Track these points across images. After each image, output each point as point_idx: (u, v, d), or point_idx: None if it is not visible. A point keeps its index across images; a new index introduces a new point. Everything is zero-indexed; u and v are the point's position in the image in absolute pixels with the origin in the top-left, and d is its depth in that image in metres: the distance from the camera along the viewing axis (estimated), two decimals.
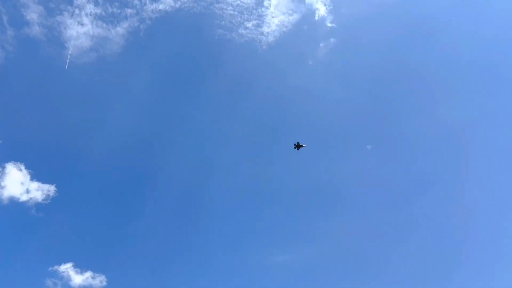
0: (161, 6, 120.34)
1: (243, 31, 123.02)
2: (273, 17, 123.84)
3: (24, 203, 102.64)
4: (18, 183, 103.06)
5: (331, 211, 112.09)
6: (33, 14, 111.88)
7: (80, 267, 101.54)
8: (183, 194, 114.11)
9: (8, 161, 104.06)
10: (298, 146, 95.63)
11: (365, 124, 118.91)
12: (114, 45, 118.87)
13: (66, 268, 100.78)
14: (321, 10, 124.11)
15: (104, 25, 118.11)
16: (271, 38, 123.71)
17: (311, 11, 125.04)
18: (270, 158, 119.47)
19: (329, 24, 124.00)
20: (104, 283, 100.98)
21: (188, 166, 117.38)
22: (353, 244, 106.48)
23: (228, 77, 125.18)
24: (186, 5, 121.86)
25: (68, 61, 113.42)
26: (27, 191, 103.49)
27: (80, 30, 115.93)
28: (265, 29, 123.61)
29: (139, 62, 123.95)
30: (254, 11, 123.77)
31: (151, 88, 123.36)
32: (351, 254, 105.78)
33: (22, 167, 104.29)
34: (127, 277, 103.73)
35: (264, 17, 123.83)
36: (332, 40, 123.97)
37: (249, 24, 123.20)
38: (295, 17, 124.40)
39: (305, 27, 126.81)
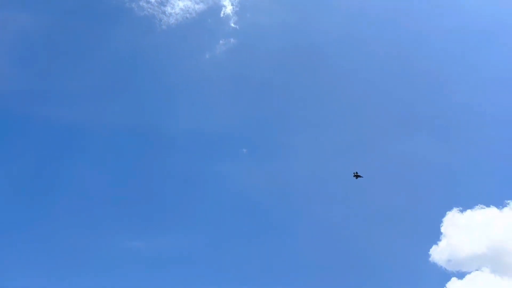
0: None
1: (144, 4, 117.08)
2: None
3: None
4: None
5: (197, 205, 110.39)
6: None
7: None
8: (33, 170, 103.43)
9: None
10: (356, 175, 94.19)
11: (243, 129, 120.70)
12: None
13: None
14: (228, 8, 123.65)
15: None
16: (172, 20, 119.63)
17: (218, 6, 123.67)
18: (142, 148, 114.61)
19: (232, 25, 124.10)
20: None
21: (44, 141, 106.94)
22: (212, 240, 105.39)
23: (117, 48, 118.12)
24: None
25: None
26: None
27: None
28: (168, 9, 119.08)
29: (14, 10, 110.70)
30: None
31: (22, 44, 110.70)
32: (208, 249, 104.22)
33: None
34: None
35: None
36: (232, 40, 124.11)
37: None
38: (201, 7, 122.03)
39: (209, 20, 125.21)
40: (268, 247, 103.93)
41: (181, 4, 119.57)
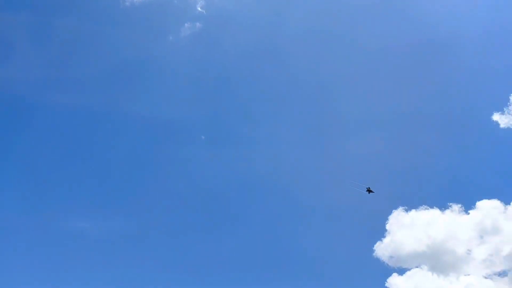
0: None
1: None
2: None
3: None
4: None
5: (151, 189, 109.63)
6: None
7: None
8: None
9: None
10: (369, 190, 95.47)
11: (203, 116, 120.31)
12: None
13: None
14: None
15: None
16: None
17: None
18: (98, 130, 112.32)
19: (199, 9, 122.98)
20: None
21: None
22: (163, 224, 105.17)
23: (76, 23, 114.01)
24: None
25: None
26: None
27: None
28: None
29: None
30: None
31: None
32: (157, 233, 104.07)
33: None
34: None
35: None
36: (198, 24, 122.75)
37: None
38: None
39: (175, 1, 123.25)
40: (220, 233, 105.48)
41: None
